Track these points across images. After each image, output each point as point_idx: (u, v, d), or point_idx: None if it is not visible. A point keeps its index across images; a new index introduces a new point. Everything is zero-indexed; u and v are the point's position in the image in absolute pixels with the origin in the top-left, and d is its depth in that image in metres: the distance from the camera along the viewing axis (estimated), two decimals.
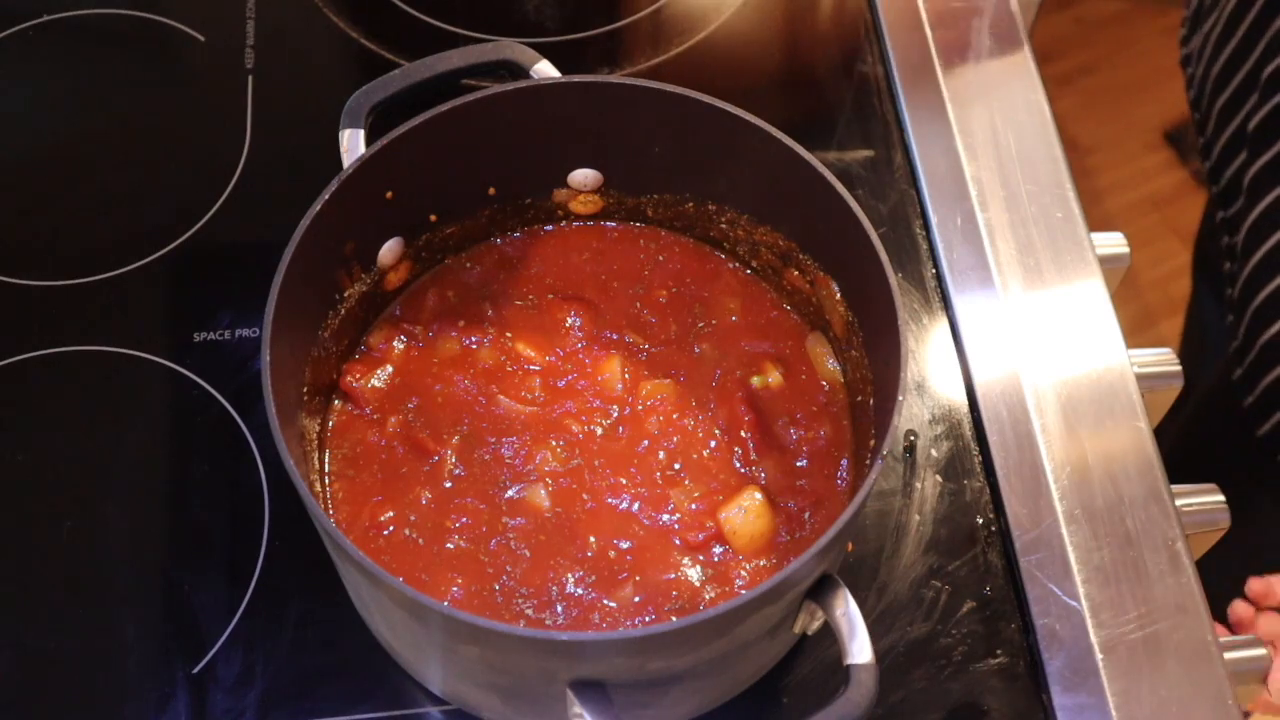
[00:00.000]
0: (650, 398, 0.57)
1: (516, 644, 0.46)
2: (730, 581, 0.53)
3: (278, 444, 0.47)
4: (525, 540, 0.54)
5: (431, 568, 0.53)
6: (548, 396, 0.58)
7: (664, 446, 0.56)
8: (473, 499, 0.55)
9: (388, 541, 0.54)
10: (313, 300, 0.55)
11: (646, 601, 0.53)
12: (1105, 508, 0.61)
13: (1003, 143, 0.72)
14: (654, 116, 0.57)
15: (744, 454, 0.56)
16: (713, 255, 0.62)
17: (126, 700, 0.56)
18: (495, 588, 0.53)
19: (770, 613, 0.47)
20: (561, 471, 0.56)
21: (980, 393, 0.64)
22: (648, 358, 0.59)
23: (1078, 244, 0.69)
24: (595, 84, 0.57)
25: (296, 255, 0.51)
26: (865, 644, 0.47)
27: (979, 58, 0.76)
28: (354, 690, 0.57)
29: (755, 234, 0.60)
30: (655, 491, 0.55)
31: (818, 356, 0.59)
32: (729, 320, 0.60)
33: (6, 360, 0.65)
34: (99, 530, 0.61)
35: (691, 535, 0.54)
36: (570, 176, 0.61)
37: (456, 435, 0.56)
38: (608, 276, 0.61)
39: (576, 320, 0.59)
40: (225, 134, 0.72)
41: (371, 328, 0.59)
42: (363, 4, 0.79)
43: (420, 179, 0.57)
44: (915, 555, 0.60)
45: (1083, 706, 0.56)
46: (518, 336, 0.59)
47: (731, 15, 0.79)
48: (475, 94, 0.56)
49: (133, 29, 0.77)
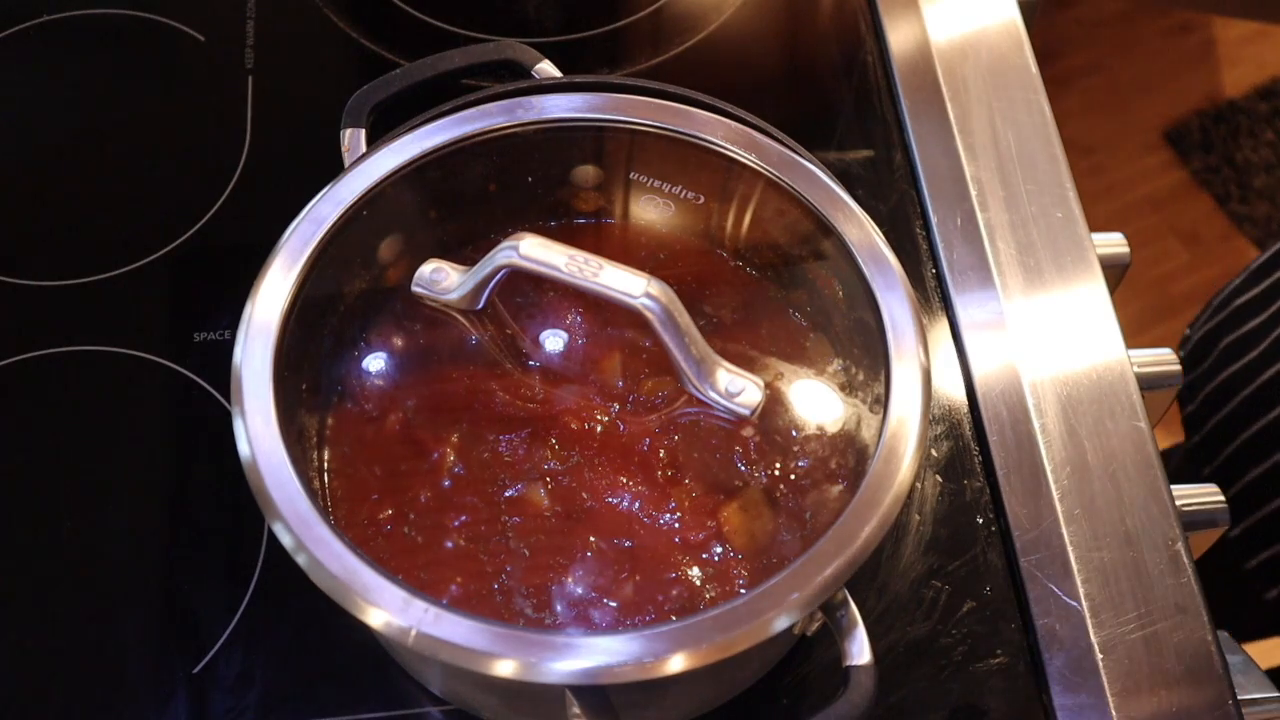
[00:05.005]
0: (651, 395, 0.57)
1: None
2: (730, 581, 0.53)
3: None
4: (524, 539, 0.54)
5: (430, 566, 0.53)
6: (547, 394, 0.57)
7: (665, 445, 0.56)
8: (472, 497, 0.55)
9: (387, 540, 0.54)
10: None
11: (646, 601, 0.53)
12: (1105, 508, 0.61)
13: (1003, 143, 0.72)
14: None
15: (745, 453, 0.56)
16: (714, 253, 0.62)
17: (126, 700, 0.56)
18: (494, 587, 0.53)
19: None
20: (561, 470, 0.55)
21: (980, 393, 0.64)
22: (649, 355, 0.59)
23: (1078, 244, 0.69)
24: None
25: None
26: (864, 645, 0.47)
27: (979, 58, 0.76)
28: (354, 690, 0.57)
29: (757, 234, 0.60)
30: (655, 490, 0.55)
31: (820, 356, 0.59)
32: (730, 318, 0.60)
33: (6, 360, 0.65)
34: (99, 530, 0.61)
35: (692, 535, 0.54)
36: (572, 174, 0.61)
37: (456, 433, 0.56)
38: None
39: (577, 317, 0.59)
40: (225, 134, 0.72)
41: (371, 324, 0.59)
42: (363, 4, 0.79)
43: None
44: (915, 555, 0.60)
45: (1083, 706, 0.56)
46: (518, 333, 0.59)
47: (731, 15, 0.79)
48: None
49: (133, 29, 0.77)
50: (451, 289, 0.57)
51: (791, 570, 0.47)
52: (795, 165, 0.57)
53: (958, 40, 0.77)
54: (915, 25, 0.77)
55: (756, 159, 0.57)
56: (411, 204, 0.58)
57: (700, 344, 0.54)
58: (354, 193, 0.55)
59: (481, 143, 0.57)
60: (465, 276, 0.57)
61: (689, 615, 0.46)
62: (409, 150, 0.56)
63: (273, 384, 0.50)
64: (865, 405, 0.55)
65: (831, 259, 0.57)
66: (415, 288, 0.57)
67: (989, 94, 0.74)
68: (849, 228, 0.55)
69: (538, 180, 0.61)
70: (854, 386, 0.57)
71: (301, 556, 0.47)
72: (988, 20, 0.78)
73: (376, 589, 0.46)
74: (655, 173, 0.60)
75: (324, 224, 0.54)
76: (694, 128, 0.58)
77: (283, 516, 0.47)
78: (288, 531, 0.47)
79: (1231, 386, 0.86)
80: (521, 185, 0.61)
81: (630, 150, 0.60)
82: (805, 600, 0.46)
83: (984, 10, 0.78)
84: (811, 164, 0.56)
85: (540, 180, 0.61)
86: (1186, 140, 1.77)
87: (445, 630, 0.45)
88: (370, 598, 0.46)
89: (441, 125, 0.57)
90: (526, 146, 0.59)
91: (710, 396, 0.55)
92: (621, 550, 0.54)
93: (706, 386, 0.55)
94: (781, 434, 0.56)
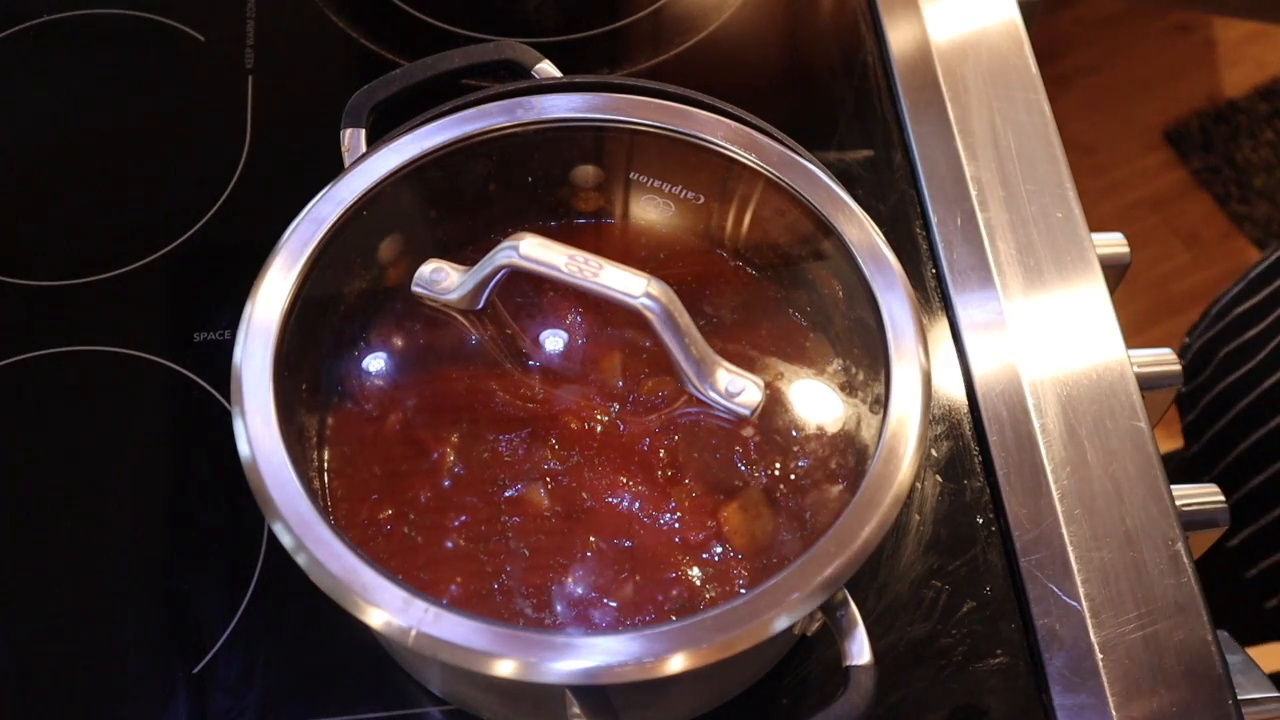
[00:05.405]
0: (651, 395, 0.57)
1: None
2: (730, 581, 0.53)
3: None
4: (524, 539, 0.54)
5: (430, 566, 0.53)
6: (547, 394, 0.57)
7: (665, 445, 0.56)
8: (472, 497, 0.55)
9: (387, 540, 0.54)
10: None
11: (646, 601, 0.53)
12: (1105, 508, 0.61)
13: (1003, 143, 0.72)
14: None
15: (745, 453, 0.56)
16: (714, 253, 0.62)
17: (126, 700, 0.56)
18: (494, 587, 0.53)
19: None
20: (561, 470, 0.55)
21: (980, 393, 0.64)
22: (649, 355, 0.59)
23: (1078, 244, 0.69)
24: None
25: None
26: (864, 645, 0.47)
27: (979, 58, 0.76)
28: (354, 690, 0.57)
29: (757, 234, 0.60)
30: (655, 490, 0.55)
31: (820, 356, 0.59)
32: (730, 318, 0.60)
33: (6, 360, 0.65)
34: (99, 530, 0.61)
35: (692, 535, 0.54)
36: (572, 174, 0.61)
37: (456, 433, 0.56)
38: None
39: (577, 317, 0.59)
40: (225, 134, 0.72)
41: (371, 324, 0.59)
42: (363, 4, 0.79)
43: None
44: (915, 555, 0.60)
45: (1083, 706, 0.56)
46: (518, 333, 0.59)
47: (731, 15, 0.79)
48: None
49: (133, 29, 0.77)
50: (451, 289, 0.57)
51: (791, 570, 0.47)
52: (795, 165, 0.57)
53: (958, 40, 0.77)
54: (915, 25, 0.77)
55: (756, 159, 0.57)
56: (411, 204, 0.58)
57: (700, 344, 0.54)
58: (354, 193, 0.55)
59: (481, 143, 0.57)
60: (465, 276, 0.57)
61: (689, 615, 0.46)
62: (409, 150, 0.56)
63: (273, 384, 0.50)
64: (865, 405, 0.55)
65: (831, 259, 0.57)
66: (415, 288, 0.57)
67: (989, 94, 0.74)
68: (849, 228, 0.55)
69: (538, 180, 0.61)
70: (854, 386, 0.57)
71: (301, 556, 0.47)
72: (988, 20, 0.78)
73: (376, 589, 0.46)
74: (655, 173, 0.60)
75: (324, 224, 0.54)
76: (694, 128, 0.58)
77: (283, 516, 0.47)
78: (288, 531, 0.47)
79: (1230, 396, 0.86)
80: (521, 185, 0.61)
81: (630, 150, 0.60)
82: (805, 600, 0.46)
83: (984, 10, 0.78)
84: (811, 164, 0.56)
85: (540, 180, 0.61)
86: (1186, 140, 1.77)
87: (445, 630, 0.45)
88: (370, 598, 0.46)
89: (441, 125, 0.57)
90: (526, 146, 0.59)
91: (710, 396, 0.55)
92: (621, 550, 0.54)
93: (706, 386, 0.55)
94: (781, 434, 0.56)
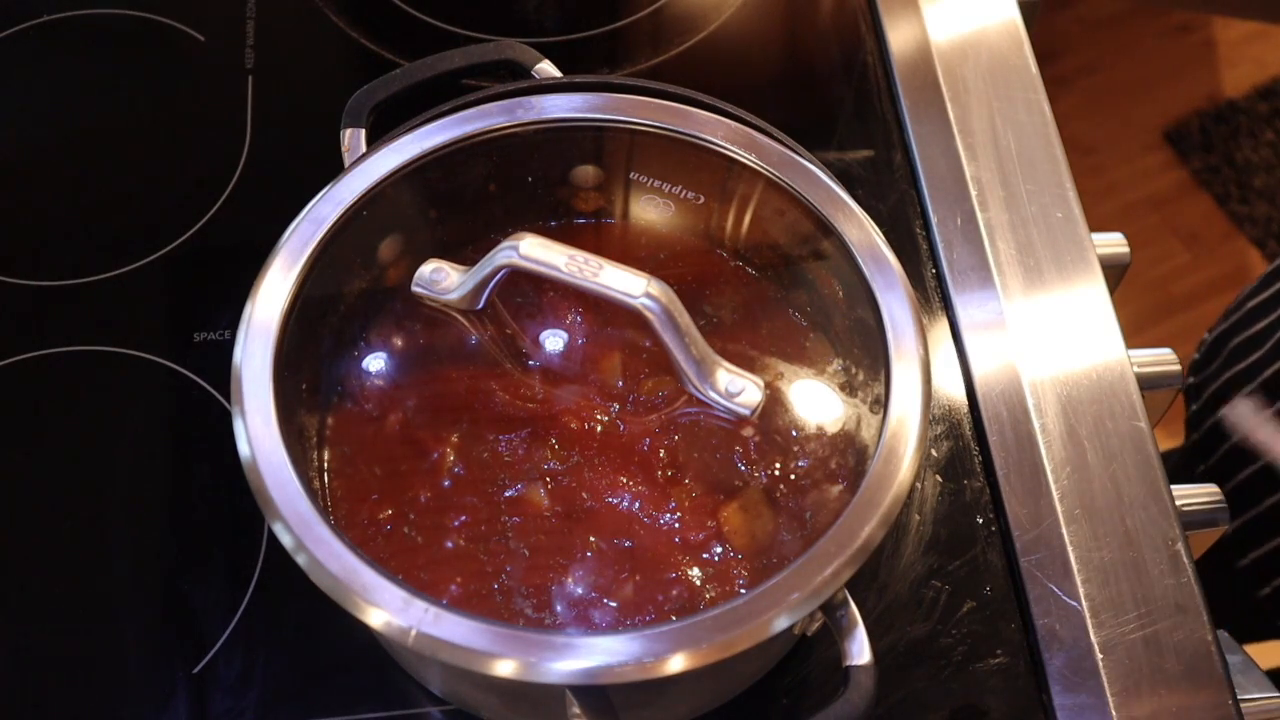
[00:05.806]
0: (651, 395, 0.57)
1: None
2: (730, 581, 0.53)
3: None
4: (524, 539, 0.54)
5: (430, 566, 0.53)
6: (547, 394, 0.57)
7: (665, 445, 0.56)
8: (472, 497, 0.55)
9: (387, 540, 0.54)
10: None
11: (646, 601, 0.53)
12: (1105, 508, 0.61)
13: (1003, 143, 0.72)
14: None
15: (745, 453, 0.56)
16: (714, 253, 0.62)
17: (126, 700, 0.56)
18: (494, 587, 0.53)
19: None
20: (561, 470, 0.55)
21: (980, 393, 0.64)
22: (649, 355, 0.59)
23: (1078, 244, 0.69)
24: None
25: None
26: (864, 645, 0.47)
27: (979, 58, 0.76)
28: (354, 690, 0.57)
29: (757, 234, 0.60)
30: (655, 490, 0.55)
31: (820, 356, 0.59)
32: (730, 318, 0.60)
33: (6, 360, 0.65)
34: (99, 530, 0.61)
35: (692, 535, 0.54)
36: (572, 174, 0.61)
37: (456, 433, 0.56)
38: None
39: (577, 317, 0.59)
40: (225, 134, 0.72)
41: (371, 324, 0.59)
42: (363, 4, 0.79)
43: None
44: (915, 555, 0.60)
45: (1083, 706, 0.56)
46: (518, 333, 0.59)
47: (731, 15, 0.79)
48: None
49: (133, 29, 0.77)
50: (451, 289, 0.57)
51: (791, 570, 0.47)
52: (795, 165, 0.57)
53: (958, 40, 0.77)
54: (915, 25, 0.77)
55: (756, 159, 0.57)
56: (411, 204, 0.58)
57: (700, 344, 0.54)
58: (354, 193, 0.55)
59: (481, 143, 0.57)
60: (465, 276, 0.57)
61: (689, 615, 0.46)
62: (409, 150, 0.56)
63: (273, 384, 0.50)
64: (865, 405, 0.55)
65: (831, 259, 0.57)
66: (415, 288, 0.57)
67: (989, 94, 0.74)
68: (849, 228, 0.55)
69: (538, 180, 0.61)
70: (854, 386, 0.57)
71: (301, 556, 0.47)
72: (988, 20, 0.78)
73: (376, 589, 0.46)
74: (655, 173, 0.60)
75: (324, 224, 0.54)
76: (694, 128, 0.58)
77: (283, 516, 0.47)
78: (288, 531, 0.47)
79: (1233, 385, 0.86)
80: (521, 185, 0.61)
81: (630, 150, 0.60)
82: (805, 600, 0.46)
83: (984, 10, 0.78)
84: (811, 164, 0.57)
85: (540, 180, 0.61)
86: (1186, 140, 1.77)
87: (445, 630, 0.45)
88: (370, 598, 0.46)
89: (441, 125, 0.57)
90: (526, 146, 0.59)
91: (710, 396, 0.55)
92: (621, 550, 0.54)
93: (706, 386, 0.55)
94: (781, 434, 0.56)
